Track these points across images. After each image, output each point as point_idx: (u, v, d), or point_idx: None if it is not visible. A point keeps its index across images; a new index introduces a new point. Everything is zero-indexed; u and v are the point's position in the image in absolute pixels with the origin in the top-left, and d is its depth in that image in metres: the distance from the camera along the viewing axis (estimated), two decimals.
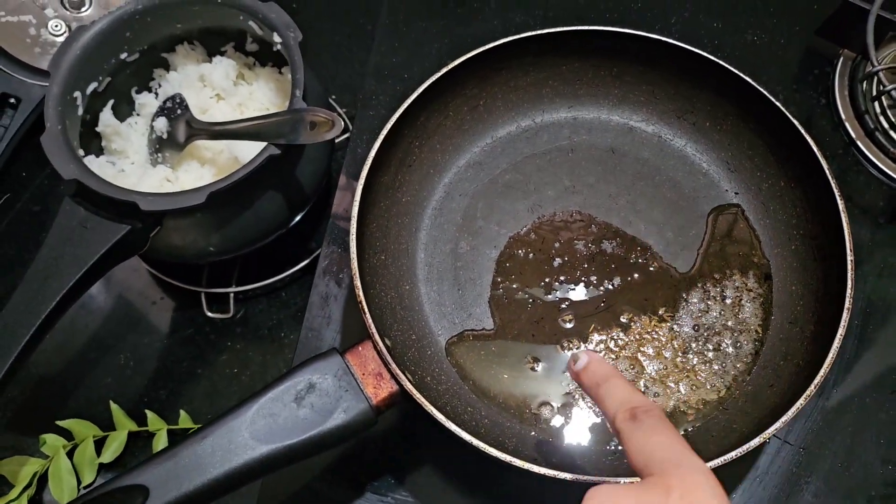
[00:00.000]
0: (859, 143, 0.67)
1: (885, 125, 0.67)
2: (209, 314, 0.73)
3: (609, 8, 0.76)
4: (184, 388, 0.70)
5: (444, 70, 0.57)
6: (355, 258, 0.51)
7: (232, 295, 0.73)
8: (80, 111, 0.67)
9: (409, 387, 0.48)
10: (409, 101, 0.56)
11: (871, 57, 0.64)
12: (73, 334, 0.73)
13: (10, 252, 0.77)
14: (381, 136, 0.55)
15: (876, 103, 0.67)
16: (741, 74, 0.59)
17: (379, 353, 0.49)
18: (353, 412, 0.48)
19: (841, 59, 0.71)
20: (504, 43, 0.58)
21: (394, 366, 0.49)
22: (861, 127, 0.68)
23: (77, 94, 0.66)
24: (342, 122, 0.58)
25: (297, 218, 0.70)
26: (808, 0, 0.75)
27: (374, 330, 0.49)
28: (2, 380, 0.57)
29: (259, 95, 0.73)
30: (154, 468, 0.47)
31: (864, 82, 0.68)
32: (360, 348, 0.50)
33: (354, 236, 0.52)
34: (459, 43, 0.74)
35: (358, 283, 0.50)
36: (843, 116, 0.68)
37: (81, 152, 0.66)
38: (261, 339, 0.72)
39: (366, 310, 0.50)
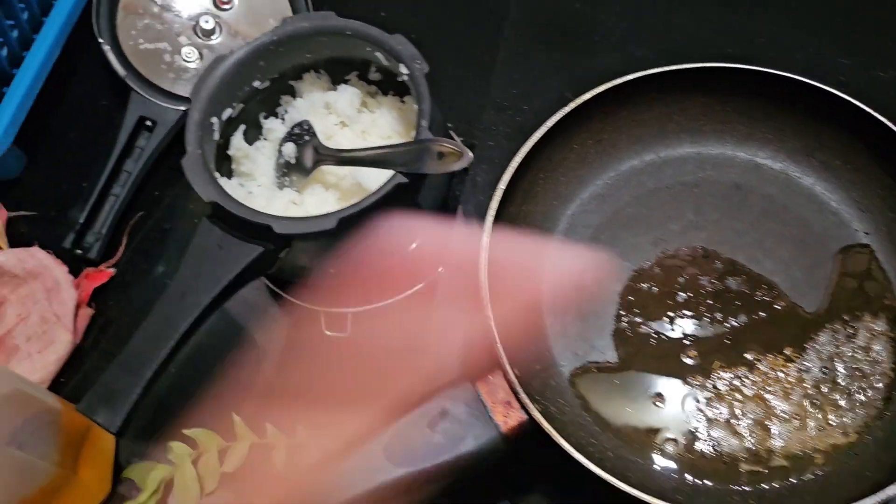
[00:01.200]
0: None
1: None
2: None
3: (731, 42, 0.75)
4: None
5: (572, 106, 0.59)
6: (486, 286, 0.52)
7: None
8: (217, 136, 0.71)
9: (537, 416, 0.49)
10: (536, 136, 0.57)
11: None
12: (196, 349, 0.76)
13: (141, 267, 0.81)
14: (511, 170, 0.56)
15: None
16: (874, 113, 0.58)
17: (509, 382, 0.50)
18: (482, 439, 0.50)
19: None
20: (630, 80, 0.59)
21: (523, 395, 0.50)
22: None
23: (214, 119, 0.70)
24: (470, 154, 0.60)
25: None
26: None
27: (505, 360, 0.51)
28: (146, 385, 0.61)
29: (382, 123, 0.76)
30: None
31: None
32: (490, 377, 0.51)
33: (485, 267, 0.53)
34: (580, 76, 0.74)
35: (490, 314, 0.51)
36: None
37: (218, 175, 0.69)
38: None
39: (498, 339, 0.51)
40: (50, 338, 0.75)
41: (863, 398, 0.56)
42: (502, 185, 0.56)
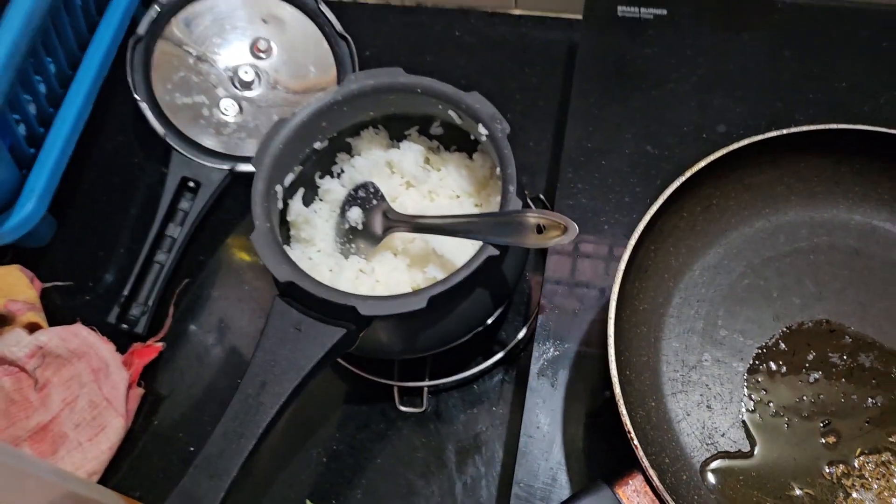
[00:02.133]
0: None
1: None
2: (401, 408, 0.71)
3: (811, 88, 0.72)
4: (378, 486, 0.68)
5: (689, 174, 0.55)
6: (617, 383, 0.48)
7: (425, 389, 0.71)
8: (280, 205, 0.66)
9: None
10: (653, 209, 0.53)
11: None
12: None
13: (191, 339, 0.76)
14: (629, 249, 0.52)
15: None
16: None
17: (653, 487, 0.46)
18: None
19: None
20: (743, 146, 0.55)
21: (670, 501, 0.45)
22: None
23: (278, 187, 0.65)
24: (576, 228, 0.55)
25: (497, 312, 0.68)
26: None
27: (647, 463, 0.46)
28: (227, 494, 0.56)
29: (449, 182, 0.71)
30: None
31: None
32: (629, 481, 0.47)
33: (613, 357, 0.49)
34: (657, 129, 0.71)
35: (623, 409, 0.47)
36: None
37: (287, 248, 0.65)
38: (455, 434, 0.70)
39: (634, 437, 0.47)
40: (100, 423, 0.70)
41: None
42: (623, 265, 0.52)
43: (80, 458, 0.68)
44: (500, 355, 0.71)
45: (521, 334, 0.71)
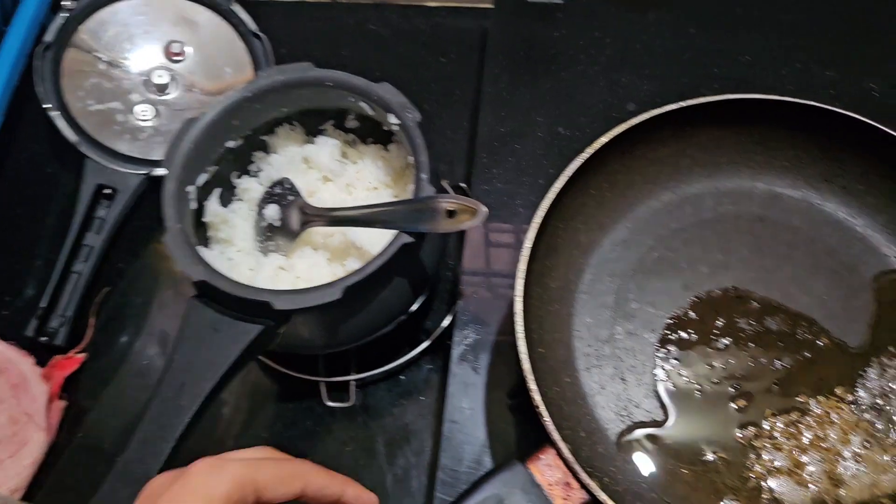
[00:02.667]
0: None
1: None
2: (328, 403, 0.70)
3: (716, 62, 0.74)
4: None
5: (590, 151, 0.55)
6: (526, 359, 0.48)
7: (352, 383, 0.70)
8: (193, 205, 0.65)
9: (602, 496, 0.45)
10: (556, 187, 0.54)
11: None
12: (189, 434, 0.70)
13: (114, 347, 0.74)
14: (533, 229, 0.53)
15: None
16: (894, 133, 0.56)
17: (565, 460, 0.47)
18: None
19: None
20: (646, 119, 0.56)
21: (582, 474, 0.46)
22: None
23: (190, 188, 0.64)
24: (485, 211, 0.55)
25: (420, 301, 0.68)
26: None
27: (557, 437, 0.47)
28: None
29: (366, 174, 0.71)
30: None
31: None
32: (541, 456, 0.48)
33: (522, 333, 0.49)
34: (568, 110, 0.72)
35: (534, 386, 0.48)
36: None
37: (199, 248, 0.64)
38: (384, 427, 0.70)
39: (545, 414, 0.47)
40: (22, 439, 0.68)
41: None
42: (528, 244, 0.52)
43: (2, 476, 0.67)
44: (425, 344, 0.71)
45: (446, 322, 0.71)
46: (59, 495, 0.68)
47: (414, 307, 0.67)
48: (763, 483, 0.53)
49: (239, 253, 0.70)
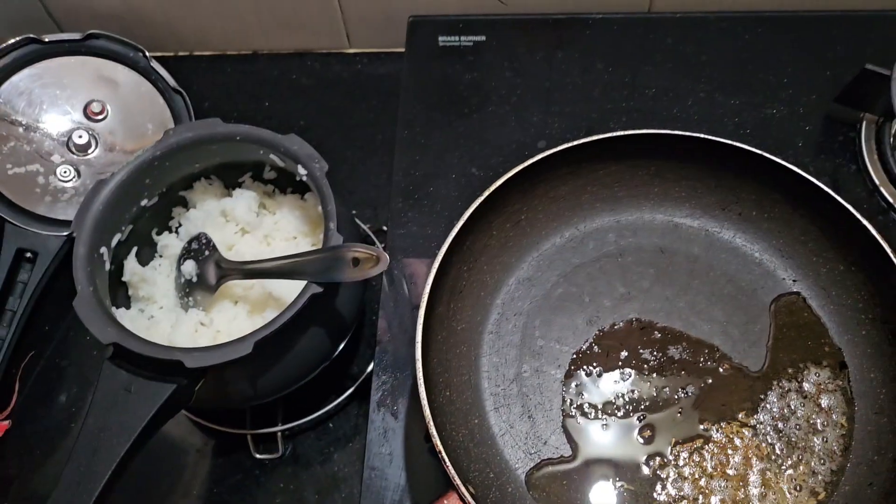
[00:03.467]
0: None
1: None
2: (257, 456, 0.70)
3: (624, 97, 0.75)
4: None
5: (488, 192, 0.56)
6: (427, 403, 0.49)
7: (279, 434, 0.70)
8: (108, 266, 0.66)
9: None
10: (456, 228, 0.55)
11: None
12: (119, 498, 0.70)
13: (40, 413, 0.74)
14: (434, 271, 0.54)
15: None
16: (783, 162, 0.58)
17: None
18: None
19: (864, 124, 0.71)
20: (541, 159, 0.57)
21: None
22: None
23: (103, 249, 0.65)
24: (387, 258, 0.56)
25: (340, 348, 0.68)
26: (821, 69, 0.75)
27: (458, 481, 0.47)
28: None
29: (284, 224, 0.72)
30: None
31: (891, 146, 0.67)
32: (445, 501, 0.48)
33: (422, 378, 0.50)
34: (481, 150, 0.73)
35: (433, 430, 0.48)
36: (876, 181, 0.68)
37: (114, 309, 0.64)
38: (314, 476, 0.70)
39: (446, 459, 0.48)
40: None
41: (822, 452, 0.55)
42: (427, 289, 0.53)
43: None
44: (350, 391, 0.71)
45: (371, 367, 0.72)
46: None
47: (335, 354, 0.68)
48: None
49: (161, 310, 0.70)
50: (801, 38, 0.76)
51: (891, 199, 0.67)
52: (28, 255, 0.77)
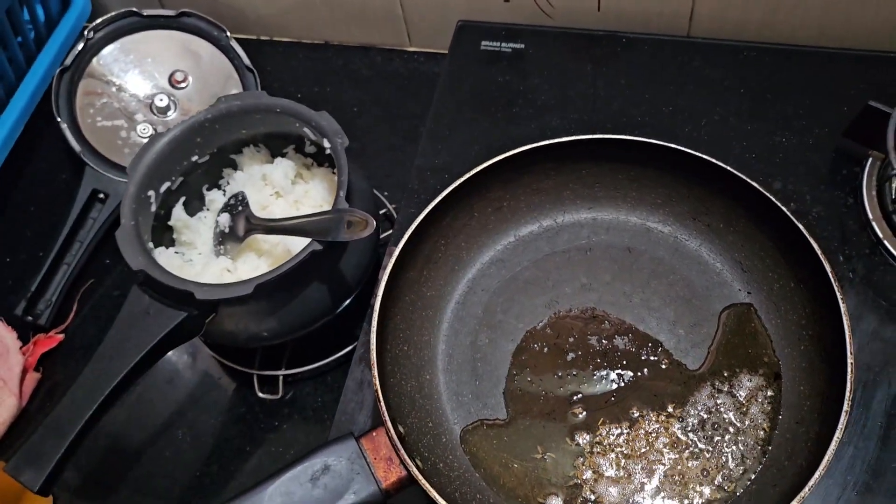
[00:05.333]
0: (886, 243, 0.68)
1: None
2: (260, 395, 0.78)
3: (641, 112, 0.79)
4: (233, 464, 0.75)
5: (468, 175, 0.62)
6: (374, 349, 0.55)
7: (281, 377, 0.78)
8: (154, 208, 0.75)
9: (415, 473, 0.51)
10: (433, 203, 0.61)
11: (893, 160, 0.65)
12: (140, 409, 0.79)
13: (90, 332, 0.85)
14: (406, 236, 0.60)
15: None
16: (750, 181, 0.61)
17: (390, 439, 0.53)
18: (363, 494, 0.52)
19: (870, 160, 0.72)
20: (524, 150, 0.63)
21: (402, 452, 0.52)
22: (889, 227, 0.69)
23: (151, 192, 0.74)
24: (374, 223, 0.63)
25: (343, 306, 0.75)
26: (837, 103, 0.77)
27: (386, 417, 0.53)
28: (67, 449, 0.64)
29: (314, 193, 0.80)
30: None
31: (888, 183, 0.69)
32: (374, 434, 0.54)
33: (375, 329, 0.56)
34: (497, 145, 0.78)
35: (375, 372, 0.54)
36: (870, 216, 0.69)
37: (151, 245, 0.73)
38: (306, 421, 0.77)
39: (380, 398, 0.54)
40: None
41: (740, 452, 0.58)
42: (396, 252, 0.59)
43: None
44: (349, 348, 0.78)
45: None
46: None
47: (337, 310, 0.75)
48: (584, 483, 0.58)
49: (200, 255, 0.79)
50: (822, 73, 0.78)
51: (881, 235, 0.69)
52: (101, 195, 0.88)
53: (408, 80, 0.96)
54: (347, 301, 0.76)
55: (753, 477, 0.56)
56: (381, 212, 0.86)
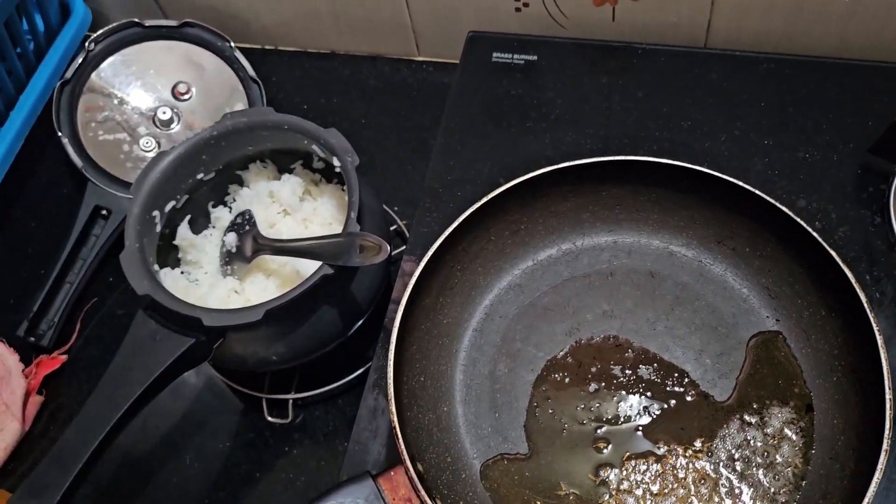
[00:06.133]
0: None
1: None
2: (269, 419, 0.76)
3: (659, 126, 0.77)
4: (242, 491, 0.74)
5: (485, 199, 0.60)
6: (391, 384, 0.53)
7: (291, 401, 0.76)
8: (158, 228, 0.73)
9: None
10: (450, 229, 0.59)
11: None
12: (144, 435, 0.77)
13: (94, 353, 0.83)
14: (422, 265, 0.58)
15: None
16: (778, 205, 0.59)
17: (410, 479, 0.51)
18: None
19: None
20: (542, 174, 0.61)
21: (423, 493, 0.50)
22: None
23: (156, 213, 0.72)
24: (387, 248, 0.61)
25: (353, 329, 0.73)
26: (862, 117, 0.75)
27: (405, 456, 0.51)
28: (73, 481, 0.62)
29: (322, 211, 0.78)
30: None
31: None
32: (392, 473, 0.52)
33: (392, 361, 0.54)
34: (511, 162, 0.77)
35: (393, 408, 0.52)
36: None
37: (156, 267, 0.71)
38: (316, 446, 0.75)
39: (399, 435, 0.52)
40: None
41: (772, 490, 0.56)
42: (413, 280, 0.57)
43: None
44: (360, 371, 0.76)
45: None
46: None
47: (348, 334, 0.73)
48: None
49: (206, 275, 0.77)
50: (846, 86, 0.76)
51: None
52: (104, 212, 0.86)
53: (416, 90, 0.94)
54: (359, 323, 0.74)
55: None
56: (392, 228, 0.84)
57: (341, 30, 0.95)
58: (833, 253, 0.56)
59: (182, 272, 0.76)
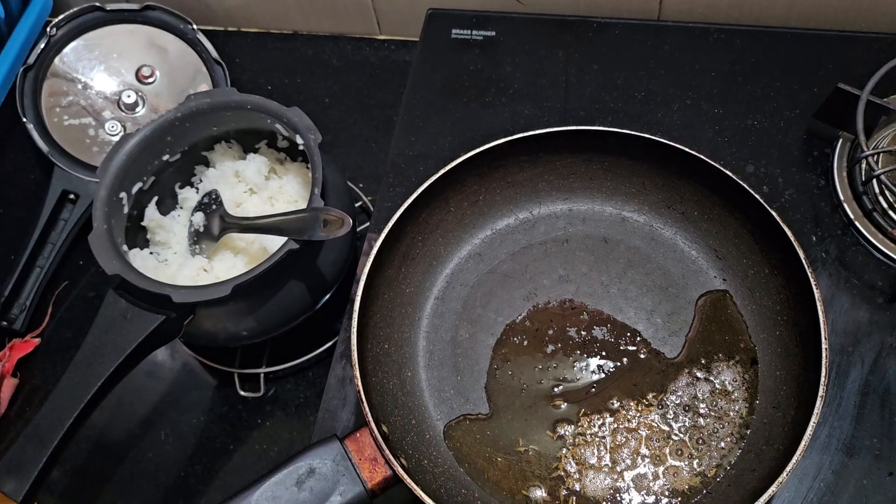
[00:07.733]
0: (857, 224, 0.69)
1: (884, 205, 0.68)
2: (242, 393, 0.78)
3: (613, 98, 0.80)
4: (217, 464, 0.76)
5: (442, 171, 0.62)
6: (356, 350, 0.55)
7: (262, 375, 0.78)
8: (126, 209, 0.74)
9: (400, 472, 0.52)
10: (409, 200, 0.61)
11: (862, 142, 0.66)
12: (119, 414, 0.79)
13: (66, 335, 0.84)
14: (382, 236, 0.60)
15: (874, 183, 0.69)
16: (723, 169, 0.62)
17: (374, 439, 0.53)
18: (349, 495, 0.52)
19: (840, 141, 0.73)
20: (497, 145, 0.63)
21: (387, 452, 0.53)
22: (859, 208, 0.70)
23: (123, 194, 0.73)
24: (350, 221, 0.63)
25: (321, 303, 0.75)
26: (807, 84, 0.77)
27: (370, 418, 0.54)
28: (50, 457, 0.63)
29: (288, 189, 0.79)
30: None
31: (858, 165, 0.70)
32: (357, 434, 0.54)
33: (355, 329, 0.56)
34: (471, 136, 0.79)
35: (357, 373, 0.55)
36: (841, 197, 0.70)
37: (125, 247, 0.72)
38: (288, 417, 0.77)
39: (363, 399, 0.54)
40: None
41: (718, 439, 0.59)
42: (373, 252, 0.59)
43: None
44: (329, 344, 0.78)
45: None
46: None
47: (316, 307, 0.75)
48: (567, 474, 0.59)
49: (175, 255, 0.78)
50: (792, 54, 0.79)
51: (851, 216, 0.70)
52: (71, 196, 0.87)
53: (379, 68, 0.95)
54: (326, 297, 0.76)
55: (733, 462, 0.58)
56: (357, 204, 0.86)
57: (304, 10, 0.96)
58: (774, 214, 0.59)
59: (151, 252, 0.77)
